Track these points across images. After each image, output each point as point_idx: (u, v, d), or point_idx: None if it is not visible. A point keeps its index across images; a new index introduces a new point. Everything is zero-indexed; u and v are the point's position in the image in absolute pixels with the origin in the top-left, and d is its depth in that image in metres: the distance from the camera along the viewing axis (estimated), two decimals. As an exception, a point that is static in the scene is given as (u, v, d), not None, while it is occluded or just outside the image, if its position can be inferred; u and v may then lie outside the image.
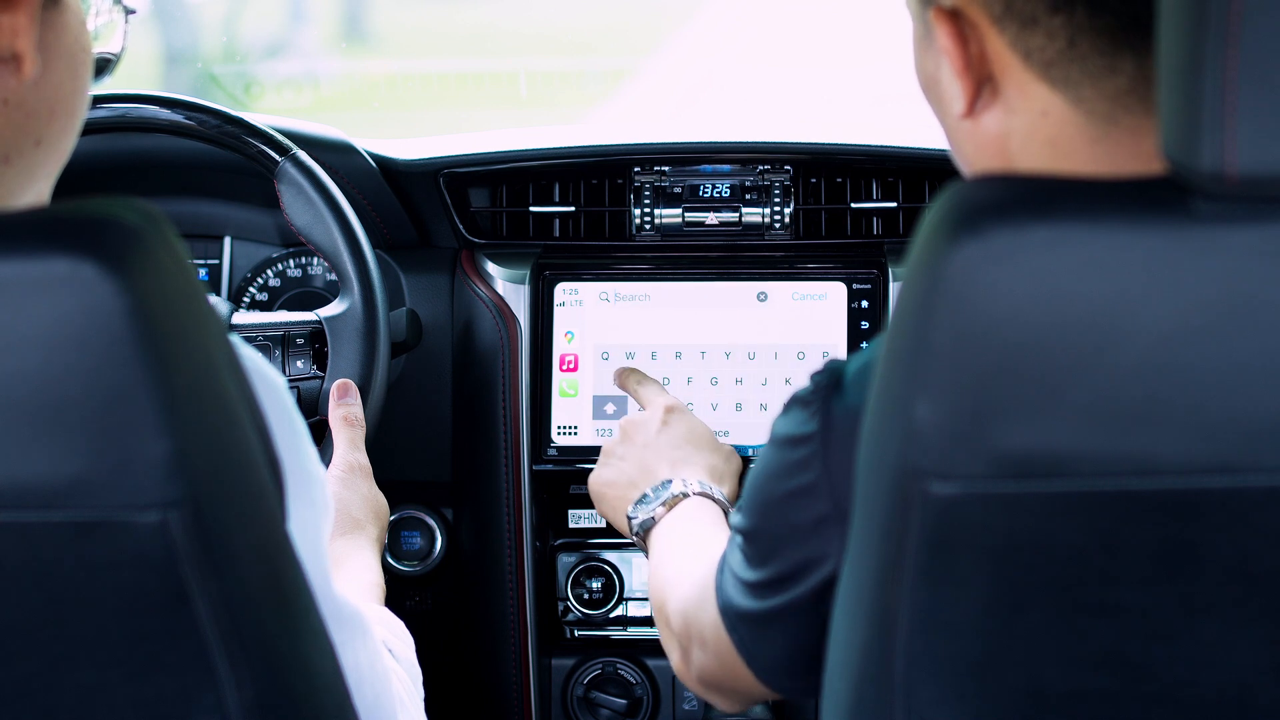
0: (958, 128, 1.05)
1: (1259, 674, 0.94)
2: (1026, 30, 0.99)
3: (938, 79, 1.05)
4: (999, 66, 1.01)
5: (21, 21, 0.96)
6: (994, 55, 1.01)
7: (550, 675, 2.03)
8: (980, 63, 1.02)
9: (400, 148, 2.08)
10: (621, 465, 1.61)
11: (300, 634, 1.00)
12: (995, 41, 1.01)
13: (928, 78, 1.07)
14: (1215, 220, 0.87)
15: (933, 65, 1.06)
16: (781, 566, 1.13)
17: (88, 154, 1.98)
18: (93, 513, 0.88)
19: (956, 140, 1.07)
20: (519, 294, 1.98)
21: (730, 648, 1.20)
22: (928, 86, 1.08)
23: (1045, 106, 1.00)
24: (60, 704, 0.93)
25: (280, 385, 1.01)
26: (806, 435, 1.08)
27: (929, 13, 1.04)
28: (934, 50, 1.04)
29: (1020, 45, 1.00)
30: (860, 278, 1.95)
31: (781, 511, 1.11)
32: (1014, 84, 1.01)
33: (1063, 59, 0.99)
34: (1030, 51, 0.99)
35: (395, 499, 1.86)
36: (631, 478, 1.59)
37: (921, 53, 1.07)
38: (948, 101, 1.04)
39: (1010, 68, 1.01)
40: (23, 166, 1.00)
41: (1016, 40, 1.00)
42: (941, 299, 0.88)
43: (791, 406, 1.11)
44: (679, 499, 1.51)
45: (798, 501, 1.09)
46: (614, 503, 1.60)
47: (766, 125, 2.15)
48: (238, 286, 2.09)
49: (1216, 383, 0.88)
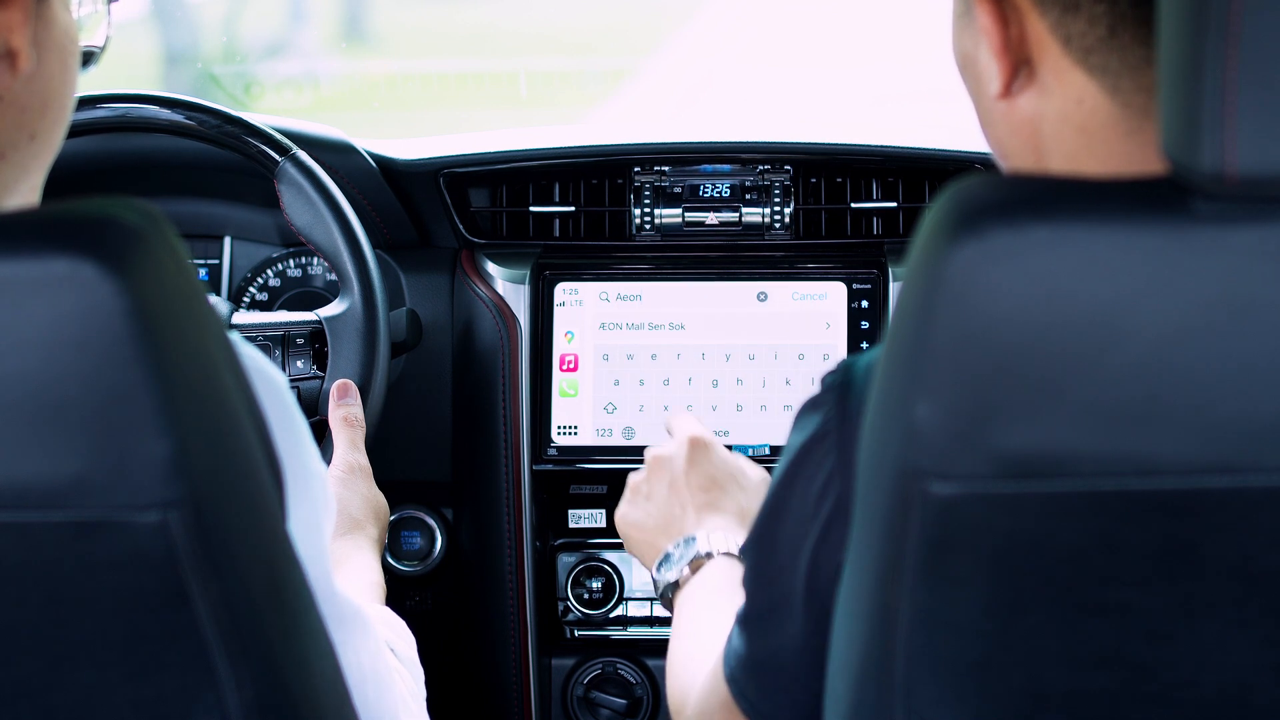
0: (992, 108, 1.04)
1: (1259, 674, 0.94)
2: (1068, 15, 0.98)
3: (975, 57, 1.04)
4: (1038, 50, 1.01)
5: (16, 17, 0.96)
6: (1034, 38, 1.00)
7: (550, 675, 2.03)
8: (1019, 44, 1.01)
9: (400, 148, 2.08)
10: (647, 506, 1.56)
11: (300, 634, 1.00)
12: (1036, 24, 1.00)
13: (964, 56, 1.06)
14: (1215, 220, 0.87)
15: (970, 43, 1.05)
16: (787, 586, 1.12)
17: (88, 154, 2.00)
18: (93, 513, 0.88)
19: (989, 120, 1.06)
20: (519, 294, 1.98)
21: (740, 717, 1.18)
22: (964, 64, 1.07)
23: (1081, 94, 1.00)
24: (60, 704, 0.93)
25: (281, 384, 1.01)
26: (822, 433, 1.07)
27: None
28: (973, 29, 1.04)
29: (1061, 29, 0.99)
30: (860, 278, 1.95)
31: (794, 519, 1.10)
32: (1051, 69, 1.00)
33: (1103, 47, 0.98)
34: (1070, 37, 0.99)
35: (395, 499, 1.86)
36: (658, 522, 1.54)
37: (960, 30, 1.07)
38: (984, 81, 1.04)
39: (1049, 52, 1.00)
40: (16, 161, 1.00)
41: (1058, 24, 0.99)
42: (941, 299, 0.88)
43: (804, 413, 1.10)
44: (702, 560, 1.48)
45: (811, 505, 1.09)
46: (641, 548, 1.57)
47: (766, 125, 2.15)
48: (238, 286, 2.09)
49: (1216, 383, 0.88)
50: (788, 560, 1.12)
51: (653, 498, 1.56)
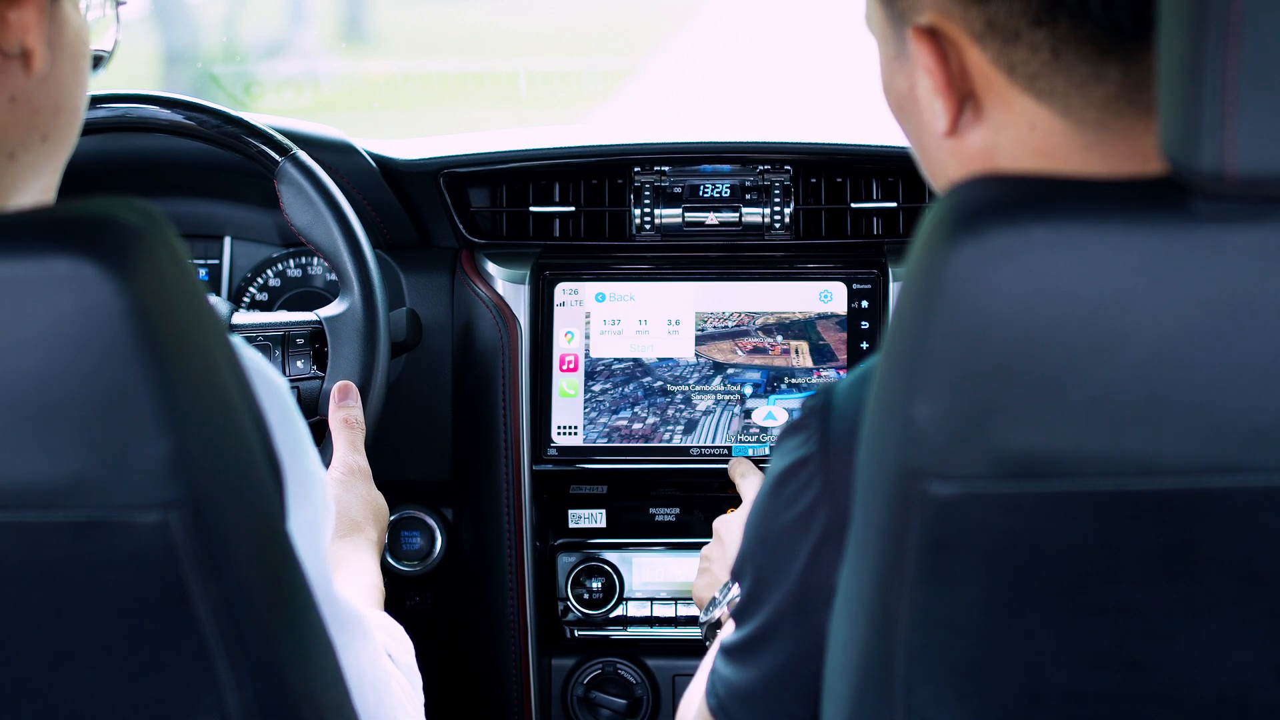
0: (939, 146, 1.04)
1: (1259, 674, 0.94)
2: (1009, 45, 0.98)
3: (913, 98, 1.03)
4: (981, 83, 1.00)
5: (30, 17, 0.96)
6: (975, 71, 1.00)
7: (550, 675, 2.03)
8: (961, 79, 1.01)
9: (400, 148, 2.08)
10: (713, 568, 1.57)
11: (300, 634, 1.00)
12: (976, 58, 1.00)
13: (900, 97, 1.05)
14: (1215, 220, 0.87)
15: (906, 84, 1.04)
16: (775, 608, 1.11)
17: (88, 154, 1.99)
18: (93, 513, 0.88)
19: (937, 159, 1.05)
20: (519, 294, 1.98)
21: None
22: (900, 106, 1.06)
23: (1032, 119, 0.99)
24: (60, 704, 0.93)
25: (281, 386, 1.01)
26: (805, 458, 1.07)
27: (905, 31, 1.02)
28: (907, 69, 1.03)
29: (1003, 60, 0.99)
30: (860, 278, 1.95)
31: (780, 544, 1.09)
32: (998, 99, 1.00)
33: (1047, 71, 0.98)
34: (1014, 66, 0.99)
35: (395, 499, 1.86)
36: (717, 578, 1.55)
37: (893, 72, 1.06)
38: (927, 120, 1.03)
39: (993, 83, 1.00)
40: (28, 162, 1.00)
41: (999, 56, 0.99)
42: (941, 299, 0.88)
43: (786, 436, 1.10)
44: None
45: (797, 528, 1.08)
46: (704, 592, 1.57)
47: (766, 125, 2.15)
48: (238, 286, 2.09)
49: (1217, 383, 0.88)
50: (776, 584, 1.11)
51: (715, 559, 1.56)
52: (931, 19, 1.00)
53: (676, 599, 2.01)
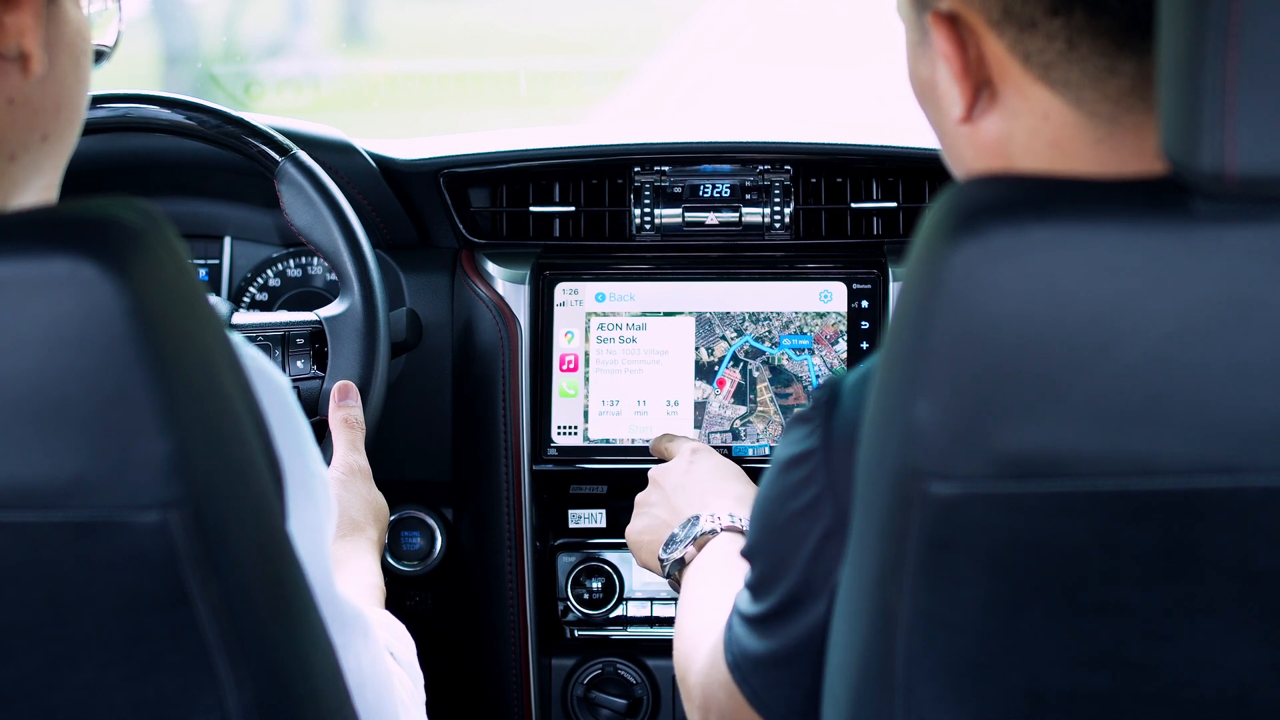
0: (955, 132, 1.05)
1: (1259, 674, 0.94)
2: (1025, 33, 0.99)
3: (934, 83, 1.05)
4: (997, 70, 1.01)
5: (27, 20, 0.96)
6: (992, 59, 1.01)
7: (550, 675, 2.03)
8: (978, 66, 1.01)
9: (400, 148, 2.08)
10: (653, 511, 1.63)
11: (300, 634, 1.00)
12: (993, 45, 1.00)
13: (923, 83, 1.07)
14: (1215, 220, 0.87)
15: (928, 70, 1.05)
16: (788, 591, 1.13)
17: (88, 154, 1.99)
18: (93, 513, 0.88)
19: (954, 145, 1.06)
20: (519, 294, 1.98)
21: (744, 705, 1.20)
22: (922, 92, 1.07)
23: (1046, 109, 1.00)
24: (60, 704, 0.93)
25: (283, 384, 1.01)
26: (808, 451, 1.08)
27: (926, 17, 1.03)
28: (930, 55, 1.04)
29: (1019, 48, 0.99)
30: (860, 278, 1.95)
31: (787, 532, 1.11)
32: (1013, 87, 1.01)
33: (1063, 61, 0.98)
34: (1030, 54, 0.99)
35: (395, 499, 1.86)
36: (663, 520, 1.61)
37: (916, 58, 1.07)
38: (945, 106, 1.04)
39: (1009, 71, 1.00)
40: (28, 162, 1.00)
41: (1015, 44, 0.99)
42: (941, 299, 0.88)
43: (792, 426, 1.11)
44: (708, 536, 1.51)
45: (803, 520, 1.09)
46: (649, 548, 1.61)
47: (766, 125, 2.15)
48: (238, 286, 2.09)
49: (1216, 383, 0.88)
50: (785, 571, 1.13)
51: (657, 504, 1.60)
52: (950, 4, 1.01)
53: (676, 599, 2.00)
